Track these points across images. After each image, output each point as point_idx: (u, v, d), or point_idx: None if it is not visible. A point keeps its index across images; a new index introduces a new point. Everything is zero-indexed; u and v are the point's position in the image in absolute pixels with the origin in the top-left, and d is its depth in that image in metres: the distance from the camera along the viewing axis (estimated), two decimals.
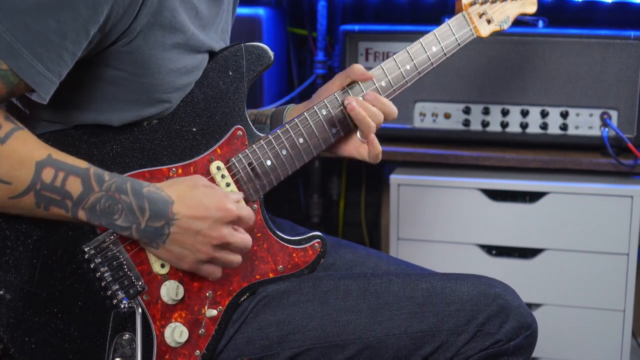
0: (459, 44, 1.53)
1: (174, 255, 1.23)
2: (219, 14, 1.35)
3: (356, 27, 2.26)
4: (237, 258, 1.28)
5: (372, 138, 1.41)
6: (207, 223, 1.21)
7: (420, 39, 1.49)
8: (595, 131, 2.15)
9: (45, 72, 1.10)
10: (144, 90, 1.24)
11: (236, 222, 1.25)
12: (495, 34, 1.61)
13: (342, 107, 1.41)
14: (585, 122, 2.15)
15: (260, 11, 2.36)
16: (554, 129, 2.18)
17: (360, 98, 1.41)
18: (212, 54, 1.33)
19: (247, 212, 1.26)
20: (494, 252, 2.24)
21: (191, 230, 1.21)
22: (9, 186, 1.12)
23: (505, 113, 2.19)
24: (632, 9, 2.44)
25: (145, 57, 1.21)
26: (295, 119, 1.39)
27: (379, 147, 1.42)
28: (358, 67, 1.42)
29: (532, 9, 1.66)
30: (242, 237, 1.26)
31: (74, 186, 1.15)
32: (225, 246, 1.25)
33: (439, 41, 1.50)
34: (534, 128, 2.19)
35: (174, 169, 1.30)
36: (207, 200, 1.22)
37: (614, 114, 2.13)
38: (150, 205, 1.19)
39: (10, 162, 1.11)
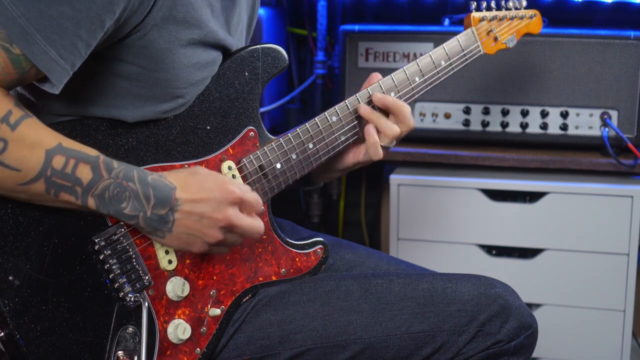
0: (466, 60, 1.56)
1: (183, 242, 1.22)
2: (233, 12, 1.35)
3: (356, 27, 2.26)
4: (243, 239, 1.27)
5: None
6: (211, 205, 1.21)
7: (430, 52, 1.51)
8: (595, 131, 2.15)
9: (58, 58, 1.10)
10: (158, 85, 1.23)
11: (240, 203, 1.24)
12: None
13: (353, 115, 1.43)
14: (585, 122, 2.16)
15: (260, 11, 2.35)
16: (554, 129, 2.18)
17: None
18: (228, 52, 1.33)
19: (252, 195, 1.25)
20: (494, 252, 2.24)
21: (195, 214, 1.20)
22: (18, 173, 1.11)
23: (505, 113, 2.20)
24: (632, 9, 2.44)
25: (159, 51, 1.20)
26: (307, 124, 1.40)
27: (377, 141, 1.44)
28: (376, 83, 1.44)
29: (537, 29, 1.70)
30: (252, 222, 1.25)
31: (84, 173, 1.15)
32: (233, 229, 1.23)
33: (449, 56, 1.52)
34: (534, 128, 2.19)
35: (186, 165, 1.29)
36: (207, 183, 1.22)
37: (614, 114, 2.13)
38: (154, 192, 1.19)
39: (20, 148, 1.10)
